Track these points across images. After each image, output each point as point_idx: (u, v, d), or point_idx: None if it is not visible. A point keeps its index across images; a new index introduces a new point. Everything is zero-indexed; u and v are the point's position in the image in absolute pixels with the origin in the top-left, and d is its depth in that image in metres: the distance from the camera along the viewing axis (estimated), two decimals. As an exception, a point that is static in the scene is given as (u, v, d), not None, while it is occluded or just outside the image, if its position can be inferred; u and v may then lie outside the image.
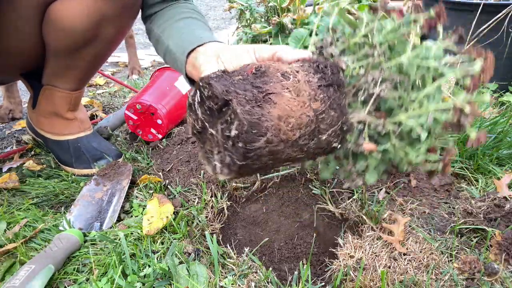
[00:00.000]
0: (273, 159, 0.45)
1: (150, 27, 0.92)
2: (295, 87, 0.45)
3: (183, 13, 0.89)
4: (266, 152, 0.43)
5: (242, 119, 0.41)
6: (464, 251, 0.75)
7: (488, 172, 1.01)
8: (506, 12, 1.34)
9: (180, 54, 0.73)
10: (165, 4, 0.91)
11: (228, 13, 2.25)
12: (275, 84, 0.44)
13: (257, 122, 0.41)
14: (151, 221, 0.81)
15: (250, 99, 0.42)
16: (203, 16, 0.94)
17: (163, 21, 0.88)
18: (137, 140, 1.24)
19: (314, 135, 0.46)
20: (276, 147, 0.43)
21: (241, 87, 0.43)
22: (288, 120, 0.43)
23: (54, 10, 0.84)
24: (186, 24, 0.85)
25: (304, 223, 0.95)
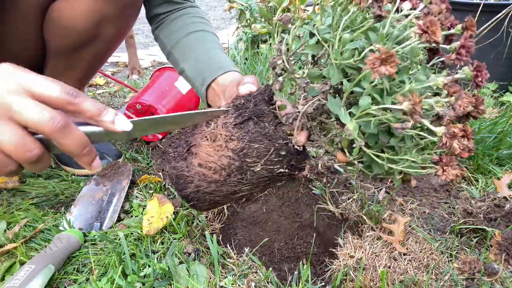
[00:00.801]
0: (218, 196, 0.51)
1: (157, 34, 0.93)
2: (212, 133, 0.50)
3: (193, 24, 0.90)
4: (202, 194, 0.50)
5: (170, 174, 0.50)
6: (464, 251, 0.75)
7: (488, 172, 1.01)
8: (506, 12, 1.34)
9: (199, 84, 0.79)
10: (170, 6, 0.91)
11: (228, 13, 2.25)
12: (197, 135, 0.50)
13: (181, 173, 0.50)
14: (151, 221, 0.81)
15: (176, 155, 0.51)
16: (208, 22, 0.95)
17: (171, 31, 0.89)
18: (137, 140, 1.24)
19: (245, 169, 0.49)
20: (209, 188, 0.50)
21: (174, 145, 0.52)
22: (208, 165, 0.49)
23: (55, 10, 0.84)
24: (199, 41, 0.87)
25: (304, 223, 0.95)
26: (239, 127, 0.49)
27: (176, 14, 0.92)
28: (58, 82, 0.42)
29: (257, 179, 0.50)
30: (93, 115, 0.42)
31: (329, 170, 1.02)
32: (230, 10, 2.19)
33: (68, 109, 0.41)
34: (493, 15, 1.36)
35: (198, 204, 0.53)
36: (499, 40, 1.42)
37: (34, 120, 0.39)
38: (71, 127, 0.41)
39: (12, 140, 0.39)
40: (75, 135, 0.41)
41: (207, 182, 0.50)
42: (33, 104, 0.39)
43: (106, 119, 0.43)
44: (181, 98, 1.27)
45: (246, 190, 0.52)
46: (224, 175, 0.49)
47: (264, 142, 0.49)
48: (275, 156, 0.49)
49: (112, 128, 0.43)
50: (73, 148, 0.42)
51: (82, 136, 0.42)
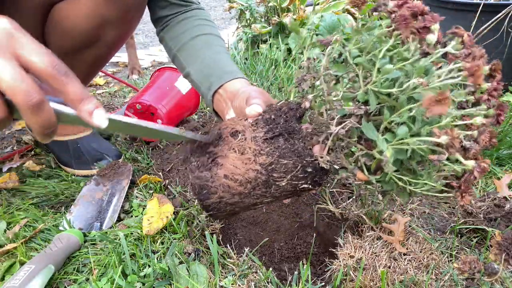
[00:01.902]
0: (239, 207, 0.52)
1: (162, 36, 0.93)
2: (240, 146, 0.50)
3: (199, 26, 0.90)
4: (224, 205, 0.51)
5: (193, 183, 0.51)
6: (464, 251, 0.75)
7: (488, 172, 1.01)
8: (506, 12, 1.34)
9: (205, 89, 0.79)
10: (176, 8, 0.91)
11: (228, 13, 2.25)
12: (223, 146, 0.51)
13: (205, 184, 0.50)
14: (151, 221, 0.81)
15: (200, 165, 0.51)
16: (214, 24, 0.95)
17: (177, 34, 0.89)
18: (137, 140, 1.24)
19: (270, 183, 0.50)
20: (232, 199, 0.50)
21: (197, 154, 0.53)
22: (234, 177, 0.49)
23: (58, 11, 0.84)
24: (205, 45, 0.87)
25: (304, 223, 0.95)
26: (269, 142, 0.50)
27: (181, 16, 0.91)
28: (51, 55, 0.40)
29: (280, 192, 0.51)
30: (75, 100, 0.41)
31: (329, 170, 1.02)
32: (230, 10, 2.19)
33: (52, 84, 0.40)
34: (493, 15, 1.36)
35: (217, 214, 0.53)
36: (499, 40, 1.42)
37: (8, 87, 0.37)
38: (44, 107, 0.39)
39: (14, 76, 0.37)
40: (44, 116, 0.40)
41: (231, 194, 0.50)
42: (13, 70, 0.38)
43: (86, 109, 0.41)
44: (181, 98, 1.27)
45: (267, 202, 0.53)
46: (249, 188, 0.50)
47: (293, 158, 0.49)
48: (301, 173, 0.50)
49: (88, 120, 0.42)
50: (35, 126, 0.40)
51: (51, 118, 0.41)
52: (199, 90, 0.82)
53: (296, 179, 0.50)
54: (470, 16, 1.45)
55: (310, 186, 0.51)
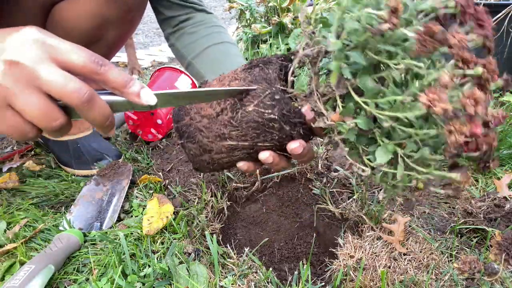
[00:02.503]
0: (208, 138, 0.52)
1: (173, 43, 0.94)
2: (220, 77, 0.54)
3: (213, 34, 0.91)
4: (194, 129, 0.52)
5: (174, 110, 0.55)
6: (464, 251, 0.75)
7: (488, 172, 1.01)
8: (506, 12, 1.34)
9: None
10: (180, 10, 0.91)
11: (228, 13, 2.25)
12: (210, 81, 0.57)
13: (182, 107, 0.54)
14: (151, 221, 0.81)
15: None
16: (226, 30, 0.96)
17: (190, 42, 0.90)
18: (137, 140, 1.24)
19: (237, 107, 0.50)
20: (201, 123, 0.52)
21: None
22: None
23: (58, 11, 0.84)
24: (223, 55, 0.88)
25: (304, 223, 0.95)
26: (246, 71, 0.52)
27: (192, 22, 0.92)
28: (85, 50, 0.41)
29: (247, 123, 0.50)
30: (119, 86, 0.42)
31: (329, 170, 1.02)
32: (230, 10, 2.19)
33: (94, 78, 0.41)
34: (493, 15, 1.36)
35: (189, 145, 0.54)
36: (499, 40, 1.42)
37: (60, 91, 0.39)
38: (96, 99, 0.41)
39: (37, 109, 0.39)
40: (99, 107, 0.41)
41: (201, 116, 0.52)
42: (58, 74, 0.39)
43: (132, 91, 0.42)
44: (181, 98, 1.27)
45: (235, 138, 0.51)
46: (217, 110, 0.51)
47: (263, 84, 0.50)
48: (269, 100, 0.49)
49: (137, 101, 0.43)
50: (96, 119, 0.42)
51: (106, 108, 0.42)
52: None
53: (263, 106, 0.49)
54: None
55: (277, 117, 0.49)
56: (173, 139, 1.19)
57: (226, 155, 0.53)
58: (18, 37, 0.40)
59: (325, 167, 1.02)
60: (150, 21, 3.65)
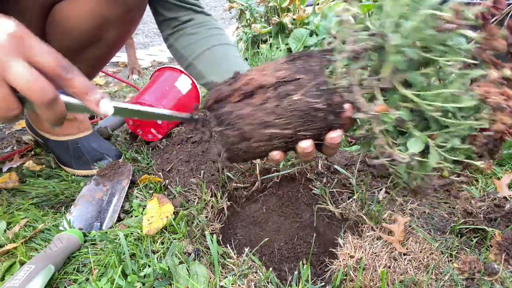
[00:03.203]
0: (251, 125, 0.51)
1: (171, 43, 0.94)
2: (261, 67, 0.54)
3: (213, 36, 0.92)
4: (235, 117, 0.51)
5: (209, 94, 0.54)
6: (464, 251, 0.75)
7: (488, 172, 1.01)
8: (506, 12, 1.34)
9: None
10: (180, 11, 0.92)
11: (228, 13, 2.25)
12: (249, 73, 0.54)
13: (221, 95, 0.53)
14: (151, 221, 0.81)
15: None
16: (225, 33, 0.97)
17: (190, 43, 0.91)
18: (137, 140, 1.24)
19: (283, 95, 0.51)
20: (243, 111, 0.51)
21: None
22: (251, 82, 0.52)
23: (59, 11, 0.84)
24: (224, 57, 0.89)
25: (304, 223, 0.95)
26: (289, 63, 0.53)
27: (192, 23, 0.93)
28: (56, 54, 0.44)
29: (292, 111, 0.51)
30: (81, 93, 0.45)
31: (329, 170, 1.02)
32: (230, 10, 2.19)
33: (59, 81, 0.44)
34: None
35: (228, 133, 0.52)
36: (499, 40, 1.42)
37: (25, 87, 0.41)
38: (57, 101, 0.44)
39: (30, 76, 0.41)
40: (58, 109, 0.44)
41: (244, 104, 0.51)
42: (27, 71, 0.41)
43: (92, 99, 0.45)
44: (181, 98, 1.27)
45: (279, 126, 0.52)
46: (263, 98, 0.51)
47: (309, 75, 0.51)
48: (316, 90, 0.51)
49: (95, 110, 0.46)
50: (50, 119, 0.45)
51: (63, 111, 0.45)
52: None
53: (309, 95, 0.51)
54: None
55: (323, 107, 0.51)
56: (173, 139, 1.19)
57: (265, 143, 0.53)
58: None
59: (325, 167, 1.02)
60: (150, 21, 3.65)
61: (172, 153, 1.11)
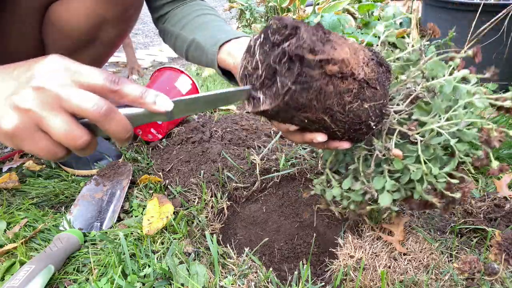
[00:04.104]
0: (316, 99, 0.47)
1: (163, 27, 0.93)
2: (353, 48, 0.49)
3: (201, 10, 0.91)
4: (316, 85, 0.46)
5: (307, 39, 0.44)
6: (464, 251, 0.75)
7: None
8: (506, 12, 1.34)
9: (211, 46, 0.77)
10: (175, 4, 0.92)
11: (228, 13, 2.25)
12: (338, 39, 0.48)
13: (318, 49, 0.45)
14: (151, 221, 0.81)
15: (315, 35, 0.46)
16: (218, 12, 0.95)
17: (178, 18, 0.90)
18: (137, 140, 1.24)
19: (359, 97, 0.50)
20: (326, 87, 0.46)
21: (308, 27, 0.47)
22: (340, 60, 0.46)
23: (55, 11, 0.84)
24: (210, 19, 0.89)
25: (304, 223, 0.95)
26: (374, 63, 0.51)
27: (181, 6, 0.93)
28: (102, 71, 0.45)
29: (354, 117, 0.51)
30: (135, 99, 0.45)
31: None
32: (230, 10, 2.19)
33: (111, 96, 0.44)
34: (493, 15, 1.36)
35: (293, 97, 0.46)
36: (499, 40, 1.42)
37: (81, 107, 0.42)
38: (114, 112, 0.44)
39: (62, 129, 0.42)
40: (118, 120, 0.44)
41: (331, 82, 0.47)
42: (78, 93, 0.42)
43: (148, 101, 0.45)
44: (181, 98, 1.27)
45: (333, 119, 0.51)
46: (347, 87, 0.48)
47: (382, 90, 0.52)
48: (379, 109, 0.53)
49: (155, 109, 0.45)
50: (117, 132, 0.45)
51: (124, 121, 0.45)
52: (202, 51, 0.80)
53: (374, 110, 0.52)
54: (470, 16, 1.45)
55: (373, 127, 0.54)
56: (173, 139, 1.19)
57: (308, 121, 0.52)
58: (45, 65, 0.43)
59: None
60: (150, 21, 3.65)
61: (172, 153, 1.11)
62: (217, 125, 1.27)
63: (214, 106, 0.52)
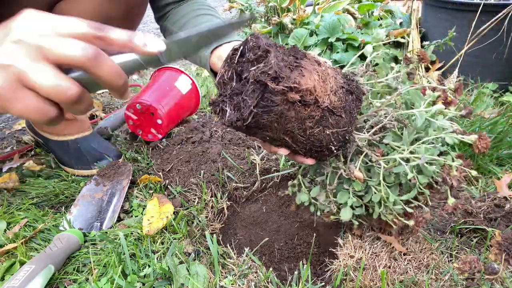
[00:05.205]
0: (277, 122, 0.49)
1: (164, 25, 0.94)
2: (324, 74, 0.50)
3: (200, 9, 0.92)
4: (276, 110, 0.47)
5: (273, 66, 0.45)
6: (464, 251, 0.75)
7: (488, 172, 1.01)
8: (506, 12, 1.34)
9: (204, 49, 0.77)
10: (176, 4, 0.93)
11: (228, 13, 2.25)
12: (309, 64, 0.49)
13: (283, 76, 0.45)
14: (151, 221, 0.81)
15: (284, 60, 0.47)
16: (217, 11, 0.96)
17: (179, 17, 0.91)
18: (137, 140, 1.24)
19: (321, 124, 0.51)
20: (287, 112, 0.48)
21: (281, 51, 0.48)
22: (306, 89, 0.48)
23: (61, 10, 0.84)
24: (207, 20, 0.90)
25: (304, 223, 0.95)
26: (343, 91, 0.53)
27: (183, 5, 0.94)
28: (83, 20, 0.42)
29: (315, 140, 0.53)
30: (124, 42, 0.42)
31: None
32: (230, 10, 2.19)
33: (97, 43, 0.41)
34: (493, 15, 1.36)
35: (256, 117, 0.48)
36: (499, 40, 1.42)
37: (66, 54, 0.39)
38: (103, 56, 0.41)
39: (50, 81, 0.39)
40: (109, 64, 0.41)
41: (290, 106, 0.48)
42: (62, 40, 0.39)
43: (138, 43, 0.42)
44: (181, 98, 1.27)
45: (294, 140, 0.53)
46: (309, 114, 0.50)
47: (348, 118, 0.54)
48: (342, 136, 0.55)
49: (146, 51, 0.43)
50: (109, 78, 0.41)
51: (116, 65, 0.42)
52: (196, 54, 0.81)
53: (336, 136, 0.54)
54: (470, 16, 1.45)
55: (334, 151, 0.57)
56: (173, 139, 1.19)
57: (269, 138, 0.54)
58: (22, 18, 0.41)
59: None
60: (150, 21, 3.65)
61: (172, 153, 1.11)
62: (217, 125, 1.27)
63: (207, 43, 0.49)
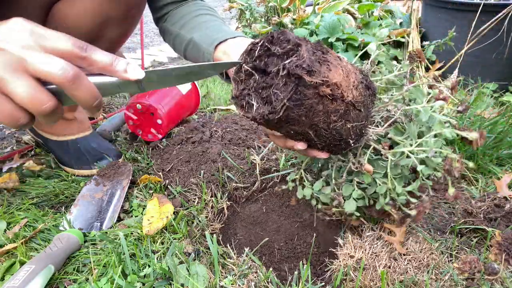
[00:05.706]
0: (305, 116, 0.49)
1: (164, 27, 0.94)
2: (346, 70, 0.51)
3: (200, 9, 0.92)
4: (307, 103, 0.48)
5: (306, 59, 0.45)
6: (464, 251, 0.75)
7: (488, 172, 1.01)
8: (506, 12, 1.34)
9: (207, 45, 0.78)
10: (175, 4, 0.92)
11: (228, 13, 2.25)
12: (333, 59, 0.50)
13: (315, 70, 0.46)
14: (151, 221, 0.81)
15: (314, 54, 0.47)
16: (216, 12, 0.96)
17: (178, 18, 0.91)
18: (137, 140, 1.24)
19: (343, 118, 0.53)
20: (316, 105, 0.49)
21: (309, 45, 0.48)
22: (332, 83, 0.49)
23: (60, 10, 0.84)
24: (208, 19, 0.90)
25: (304, 223, 0.95)
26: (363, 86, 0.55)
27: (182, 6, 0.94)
28: (69, 36, 0.43)
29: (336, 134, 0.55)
30: (105, 65, 0.43)
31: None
32: (230, 10, 2.19)
33: (80, 62, 0.42)
34: (493, 15, 1.36)
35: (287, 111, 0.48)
36: (499, 40, 1.42)
37: (46, 71, 0.40)
38: (82, 78, 0.42)
39: (27, 93, 0.40)
40: (86, 86, 0.42)
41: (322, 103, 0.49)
42: (44, 56, 0.40)
43: (119, 68, 0.43)
44: (181, 98, 1.27)
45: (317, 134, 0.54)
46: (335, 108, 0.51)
47: (365, 112, 0.56)
48: (359, 130, 0.58)
49: (125, 77, 0.44)
50: (84, 99, 0.43)
51: (92, 87, 0.43)
52: (199, 50, 0.81)
53: (355, 129, 0.56)
54: (470, 16, 1.45)
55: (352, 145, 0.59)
56: (173, 139, 1.19)
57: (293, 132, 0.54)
58: (7, 27, 0.41)
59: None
60: (150, 21, 3.65)
61: (172, 153, 1.11)
62: (217, 125, 1.27)
63: (187, 80, 0.50)
